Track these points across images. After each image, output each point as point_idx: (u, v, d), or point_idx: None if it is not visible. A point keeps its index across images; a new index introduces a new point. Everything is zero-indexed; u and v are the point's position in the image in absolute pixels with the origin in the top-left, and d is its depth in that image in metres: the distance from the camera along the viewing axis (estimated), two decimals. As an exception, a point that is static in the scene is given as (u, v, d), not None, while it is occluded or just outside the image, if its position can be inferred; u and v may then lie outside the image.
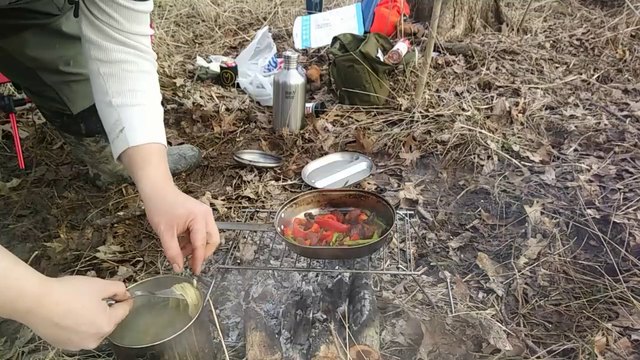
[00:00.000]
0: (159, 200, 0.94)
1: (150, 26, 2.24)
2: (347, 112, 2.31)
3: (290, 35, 3.31)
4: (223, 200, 1.72)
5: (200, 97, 2.43)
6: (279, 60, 2.77)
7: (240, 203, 1.71)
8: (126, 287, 1.04)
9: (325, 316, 1.17)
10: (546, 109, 2.24)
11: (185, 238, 0.94)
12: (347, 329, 1.09)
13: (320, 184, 1.83)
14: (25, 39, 1.26)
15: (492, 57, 2.76)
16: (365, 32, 2.97)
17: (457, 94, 2.38)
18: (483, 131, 1.94)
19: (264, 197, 1.74)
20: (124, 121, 0.97)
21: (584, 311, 1.22)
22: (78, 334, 0.78)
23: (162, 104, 2.31)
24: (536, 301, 1.27)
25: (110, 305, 0.85)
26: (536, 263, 1.37)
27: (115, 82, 1.00)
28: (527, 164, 1.81)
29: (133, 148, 0.97)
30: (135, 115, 0.99)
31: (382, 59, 2.33)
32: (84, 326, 0.78)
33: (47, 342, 0.81)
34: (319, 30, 3.18)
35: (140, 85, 1.02)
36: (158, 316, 1.03)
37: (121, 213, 1.63)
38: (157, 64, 2.88)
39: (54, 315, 0.75)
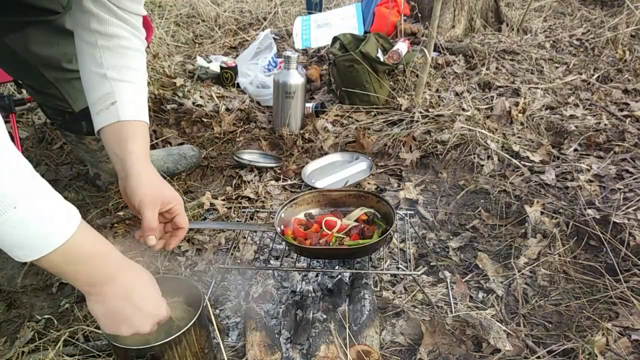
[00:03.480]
0: (146, 175, 0.97)
1: (151, 25, 2.23)
2: (347, 112, 2.31)
3: (290, 35, 3.31)
4: (223, 200, 1.71)
5: (200, 97, 2.43)
6: (279, 60, 2.77)
7: (240, 203, 1.71)
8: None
9: (325, 316, 1.17)
10: (546, 109, 2.24)
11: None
12: (347, 329, 1.09)
13: (320, 184, 1.83)
14: (28, 35, 1.28)
15: (492, 57, 2.76)
16: (365, 32, 2.97)
17: (457, 94, 2.38)
18: (483, 131, 1.94)
19: (264, 197, 1.74)
20: (116, 95, 1.00)
21: (584, 311, 1.22)
22: (141, 311, 0.82)
23: (162, 103, 2.33)
24: (536, 301, 1.27)
25: None
26: (536, 263, 1.37)
27: (111, 56, 1.02)
28: (527, 164, 1.81)
29: (123, 122, 1.00)
30: (128, 91, 1.02)
31: (382, 59, 2.33)
32: (149, 306, 0.83)
33: (102, 323, 0.82)
34: (319, 30, 3.18)
35: (134, 63, 1.05)
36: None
37: (121, 213, 1.62)
38: (157, 64, 2.86)
39: (130, 286, 0.79)
